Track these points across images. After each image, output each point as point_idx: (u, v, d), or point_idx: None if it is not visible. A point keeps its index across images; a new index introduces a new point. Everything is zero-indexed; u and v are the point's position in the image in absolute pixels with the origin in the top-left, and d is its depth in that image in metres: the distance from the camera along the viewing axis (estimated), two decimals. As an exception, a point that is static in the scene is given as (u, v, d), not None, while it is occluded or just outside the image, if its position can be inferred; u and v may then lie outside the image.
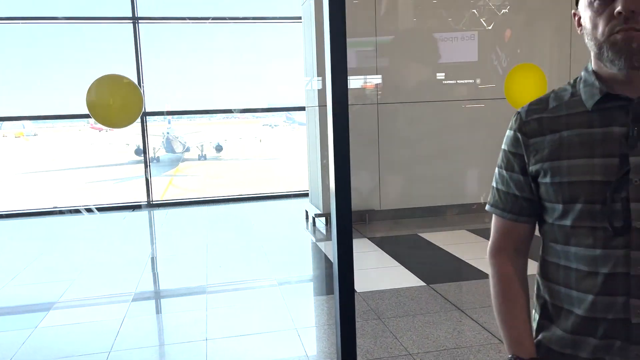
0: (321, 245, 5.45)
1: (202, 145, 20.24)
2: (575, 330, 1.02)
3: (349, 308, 1.65)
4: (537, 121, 1.04)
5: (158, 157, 18.60)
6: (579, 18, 1.00)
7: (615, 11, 0.91)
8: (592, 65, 1.02)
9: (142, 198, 7.78)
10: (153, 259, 5.15)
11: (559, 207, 1.01)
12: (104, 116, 2.36)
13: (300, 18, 6.98)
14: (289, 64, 9.05)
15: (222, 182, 13.38)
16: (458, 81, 6.42)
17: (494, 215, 1.14)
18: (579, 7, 1.00)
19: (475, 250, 4.87)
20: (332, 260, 1.74)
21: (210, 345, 3.14)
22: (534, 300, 1.13)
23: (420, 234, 5.57)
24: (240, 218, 7.08)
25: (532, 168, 1.05)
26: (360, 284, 4.09)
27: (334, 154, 1.54)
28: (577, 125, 1.00)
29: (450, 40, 6.32)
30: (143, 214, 7.40)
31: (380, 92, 6.17)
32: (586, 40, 0.99)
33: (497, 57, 6.29)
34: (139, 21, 6.79)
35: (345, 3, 1.56)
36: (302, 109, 7.36)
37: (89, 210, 7.27)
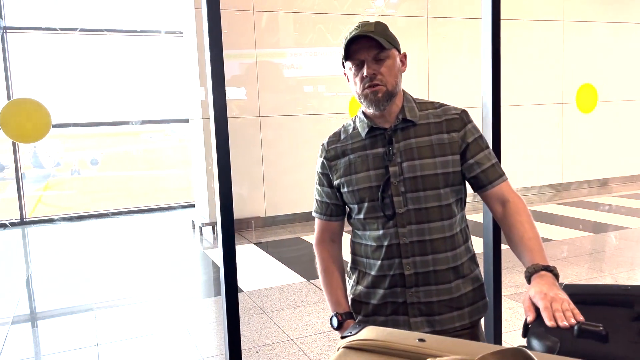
0: (209, 252, 5.65)
1: (75, 160, 19.07)
2: (371, 285, 1.48)
3: (233, 303, 1.89)
4: (334, 149, 1.50)
5: (23, 173, 17.22)
6: (347, 77, 1.45)
7: (363, 74, 1.37)
8: (363, 108, 1.48)
9: (11, 216, 7.35)
10: (29, 279, 4.99)
11: (355, 206, 1.47)
12: (18, 132, 2.43)
13: (180, 32, 7.13)
14: (170, 77, 9.07)
15: (99, 197, 12.82)
16: (338, 94, 6.94)
17: (315, 218, 1.60)
18: (345, 70, 1.45)
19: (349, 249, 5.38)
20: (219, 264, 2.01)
21: (102, 349, 3.25)
22: (349, 271, 1.60)
23: (301, 237, 6.00)
24: (123, 232, 7.00)
25: (335, 182, 1.50)
26: (247, 285, 4.40)
27: (217, 163, 1.80)
28: (358, 150, 1.46)
29: (330, 54, 6.85)
30: (16, 232, 7.00)
31: (261, 105, 6.52)
32: (353, 93, 1.45)
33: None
34: (7, 31, 6.49)
35: (220, 15, 1.74)
36: (185, 120, 7.49)
37: (2, 225, 6.85)
